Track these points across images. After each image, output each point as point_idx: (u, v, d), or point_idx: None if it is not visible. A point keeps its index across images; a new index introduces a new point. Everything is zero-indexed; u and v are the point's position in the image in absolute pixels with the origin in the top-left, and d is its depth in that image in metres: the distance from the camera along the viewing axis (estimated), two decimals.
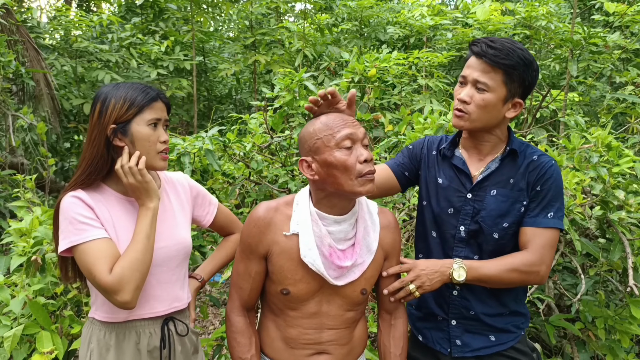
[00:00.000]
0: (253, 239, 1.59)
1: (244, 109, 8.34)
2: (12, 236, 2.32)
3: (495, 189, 1.67)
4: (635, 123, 4.20)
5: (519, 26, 5.67)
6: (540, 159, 1.67)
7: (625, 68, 5.65)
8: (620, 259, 2.32)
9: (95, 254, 1.48)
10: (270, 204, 1.62)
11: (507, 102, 1.63)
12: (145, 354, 1.62)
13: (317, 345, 1.63)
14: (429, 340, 1.80)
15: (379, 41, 6.96)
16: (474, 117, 1.63)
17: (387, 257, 1.71)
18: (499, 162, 1.69)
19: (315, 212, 1.57)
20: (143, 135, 1.58)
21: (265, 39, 6.85)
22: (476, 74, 1.61)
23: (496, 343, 1.71)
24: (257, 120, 3.59)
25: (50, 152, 5.74)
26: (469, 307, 1.71)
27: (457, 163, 1.74)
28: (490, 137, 1.70)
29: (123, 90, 1.58)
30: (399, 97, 4.41)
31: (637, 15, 4.57)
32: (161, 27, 7.24)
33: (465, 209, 1.70)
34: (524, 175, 1.66)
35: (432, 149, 1.84)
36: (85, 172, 1.57)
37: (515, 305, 1.74)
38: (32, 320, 2.14)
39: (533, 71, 1.62)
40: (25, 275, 2.24)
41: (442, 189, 1.76)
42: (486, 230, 1.66)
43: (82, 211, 1.52)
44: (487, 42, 1.60)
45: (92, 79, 6.29)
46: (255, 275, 1.63)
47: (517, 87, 1.61)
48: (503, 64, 1.57)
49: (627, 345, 2.38)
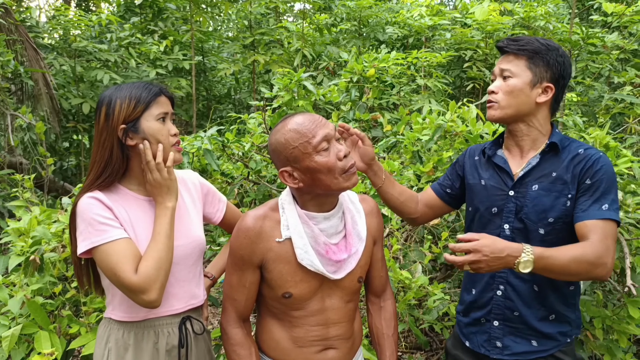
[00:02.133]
0: (245, 250, 1.57)
1: (243, 108, 8.34)
2: (11, 236, 2.32)
3: (537, 184, 1.66)
4: (633, 123, 4.21)
5: (518, 26, 5.67)
6: (587, 151, 1.63)
7: (623, 68, 5.66)
8: (618, 259, 2.33)
9: (118, 254, 1.48)
10: (257, 212, 1.60)
11: (535, 87, 1.65)
12: (164, 354, 1.63)
13: (324, 341, 1.64)
14: (474, 344, 1.78)
15: (377, 41, 6.96)
16: (503, 104, 1.68)
17: (375, 241, 1.75)
18: (539, 157, 1.69)
19: (303, 214, 1.58)
20: (154, 130, 1.59)
21: (264, 38, 6.85)
22: (501, 65, 1.69)
23: (537, 349, 1.67)
24: (256, 120, 3.59)
25: (49, 152, 5.74)
26: (513, 308, 1.68)
27: (498, 161, 1.75)
28: (530, 130, 1.70)
29: (126, 90, 1.59)
30: (397, 97, 4.41)
31: (635, 15, 4.58)
32: (160, 26, 7.23)
33: (508, 206, 1.69)
34: (567, 168, 1.63)
35: (475, 155, 1.87)
36: (101, 174, 1.58)
37: (564, 308, 1.69)
38: (30, 320, 2.14)
39: (559, 56, 1.66)
40: (24, 275, 2.23)
41: (484, 189, 1.77)
42: (531, 226, 1.64)
43: (100, 212, 1.53)
44: (509, 38, 1.69)
45: (91, 79, 6.29)
46: (250, 286, 1.62)
47: (543, 70, 1.65)
48: (524, 50, 1.65)
49: (625, 345, 2.38)
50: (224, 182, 3.29)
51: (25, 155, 5.81)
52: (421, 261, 2.71)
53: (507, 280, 1.69)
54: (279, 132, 1.53)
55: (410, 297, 2.45)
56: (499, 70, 1.70)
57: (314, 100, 3.61)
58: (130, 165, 1.63)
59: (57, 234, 2.30)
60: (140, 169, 1.63)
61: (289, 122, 1.52)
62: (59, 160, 6.71)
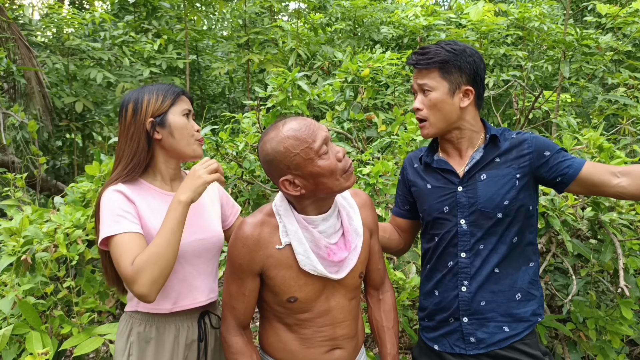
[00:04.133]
0: (244, 259, 1.56)
1: (237, 108, 8.31)
2: (2, 235, 2.30)
3: (484, 173, 1.71)
4: (626, 124, 4.22)
5: (512, 27, 5.69)
6: (522, 134, 1.73)
7: (617, 69, 5.68)
8: (612, 259, 2.34)
9: (124, 245, 1.51)
10: (255, 219, 1.58)
11: (455, 94, 1.69)
12: (183, 347, 1.68)
13: (332, 341, 1.64)
14: (446, 346, 1.77)
15: (372, 41, 6.96)
16: (432, 120, 1.73)
17: (372, 234, 1.75)
18: (482, 151, 1.73)
19: (302, 219, 1.56)
20: (180, 125, 1.68)
21: (259, 38, 6.83)
22: (418, 80, 1.73)
23: (510, 334, 1.70)
24: (250, 119, 3.58)
25: (41, 151, 5.70)
26: (480, 298, 1.71)
27: (439, 164, 1.79)
28: (463, 133, 1.75)
29: (152, 88, 1.70)
30: (392, 97, 4.41)
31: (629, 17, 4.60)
32: (154, 25, 7.20)
33: (460, 202, 1.72)
34: (509, 150, 1.71)
35: (414, 163, 1.90)
36: (127, 167, 1.65)
37: (527, 285, 1.73)
38: (21, 320, 2.12)
39: (467, 57, 1.69)
40: (15, 275, 2.22)
41: (431, 192, 1.79)
42: (488, 214, 1.68)
43: (121, 204, 1.57)
44: (417, 51, 1.73)
45: (84, 77, 6.26)
46: (249, 294, 1.60)
47: (457, 76, 1.69)
48: (434, 62, 1.68)
49: (618, 346, 2.39)
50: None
51: (18, 154, 5.77)
52: (415, 262, 2.71)
53: (470, 274, 1.71)
54: (274, 141, 1.49)
55: (404, 298, 2.45)
56: (418, 86, 1.73)
57: (308, 100, 3.60)
58: (154, 160, 1.70)
59: (49, 233, 2.28)
60: (163, 165, 1.71)
61: (283, 130, 1.48)
62: (51, 159, 6.67)
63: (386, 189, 2.68)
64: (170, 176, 1.74)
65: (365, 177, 2.73)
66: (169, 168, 1.73)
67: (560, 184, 1.70)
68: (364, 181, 2.72)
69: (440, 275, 1.77)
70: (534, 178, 1.72)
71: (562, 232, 2.30)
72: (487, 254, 1.70)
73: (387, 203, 2.91)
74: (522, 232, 1.72)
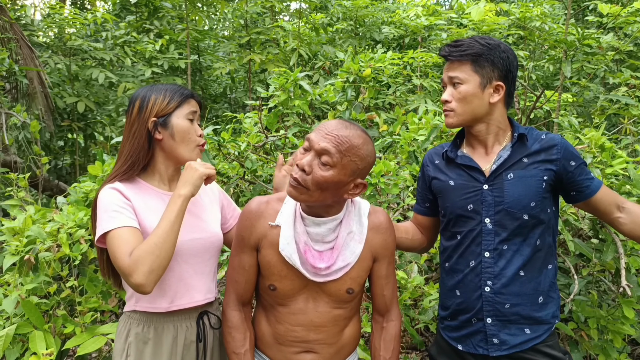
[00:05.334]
0: (245, 231, 1.63)
1: (239, 108, 8.32)
2: (5, 235, 2.31)
3: (511, 172, 1.69)
4: (628, 124, 4.22)
5: (513, 27, 5.68)
6: (550, 135, 1.72)
7: (618, 69, 5.68)
8: (613, 259, 2.34)
9: (120, 239, 1.51)
10: (263, 198, 1.67)
11: (485, 88, 1.69)
12: (182, 347, 1.68)
13: (304, 344, 1.64)
14: (470, 346, 1.76)
15: (374, 41, 6.96)
16: (459, 111, 1.72)
17: (377, 258, 1.68)
18: (510, 150, 1.72)
19: (299, 210, 1.61)
20: (183, 128, 1.67)
21: (260, 38, 6.84)
22: (449, 73, 1.73)
23: (531, 336, 1.69)
24: (252, 119, 3.58)
25: (43, 151, 5.71)
26: (504, 300, 1.69)
27: (464, 161, 1.76)
28: (490, 129, 1.74)
29: (162, 88, 1.69)
30: (393, 97, 4.41)
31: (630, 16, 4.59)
32: (156, 25, 7.21)
33: (486, 200, 1.70)
34: (538, 152, 1.70)
35: (435, 159, 1.87)
36: (125, 164, 1.65)
37: (548, 288, 1.73)
38: (24, 319, 2.13)
39: (501, 52, 1.69)
40: (18, 275, 2.22)
41: (455, 189, 1.77)
42: (515, 214, 1.67)
43: (117, 201, 1.58)
44: (450, 44, 1.73)
45: (86, 77, 6.26)
46: (249, 268, 1.66)
47: (490, 71, 1.69)
48: (467, 54, 1.68)
49: (620, 346, 2.39)
50: (220, 182, 3.29)
51: (20, 154, 5.78)
52: (417, 261, 2.71)
53: (493, 274, 1.70)
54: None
55: (406, 297, 2.45)
56: (448, 78, 1.73)
57: (309, 100, 3.60)
58: (153, 160, 1.70)
59: (51, 233, 2.29)
60: (162, 165, 1.71)
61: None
62: (53, 159, 6.68)
63: (388, 189, 2.68)
64: (169, 177, 1.74)
65: (367, 177, 2.73)
66: (168, 169, 1.73)
67: (572, 198, 1.73)
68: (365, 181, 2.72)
69: (462, 275, 1.75)
70: (555, 182, 1.72)
71: (563, 231, 2.31)
72: (511, 255, 1.68)
73: (388, 203, 2.91)
74: (544, 235, 1.71)
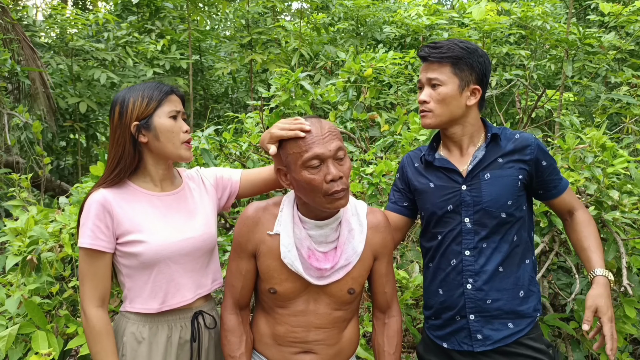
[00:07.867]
0: (243, 238, 1.64)
1: (240, 108, 8.33)
2: (8, 235, 2.32)
3: (488, 172, 1.73)
4: (629, 123, 4.22)
5: (515, 26, 5.68)
6: (523, 135, 1.77)
7: (620, 68, 5.67)
8: (615, 258, 2.34)
9: (90, 274, 1.62)
10: (260, 204, 1.66)
11: (463, 91, 1.72)
12: (176, 347, 1.68)
13: (303, 344, 1.65)
14: (454, 344, 1.78)
15: (375, 41, 6.96)
16: (437, 112, 1.74)
17: (377, 257, 1.70)
18: (484, 150, 1.75)
19: (297, 214, 1.60)
20: (166, 127, 1.65)
21: (262, 38, 6.84)
22: (427, 74, 1.74)
23: (515, 330, 1.72)
24: (254, 119, 3.59)
25: (45, 151, 5.72)
26: (486, 297, 1.72)
27: (441, 163, 1.80)
28: (465, 130, 1.78)
29: (139, 89, 1.67)
30: (395, 97, 4.41)
31: (632, 15, 4.59)
32: (157, 25, 7.22)
33: (465, 201, 1.73)
34: (512, 152, 1.74)
35: (414, 162, 1.90)
36: (114, 170, 1.65)
37: (528, 282, 1.77)
38: (27, 319, 2.14)
39: (479, 57, 1.73)
40: (21, 275, 2.23)
41: (435, 191, 1.80)
42: (493, 213, 1.70)
43: (95, 217, 1.60)
44: (429, 45, 1.76)
45: (88, 78, 6.27)
46: (246, 274, 1.66)
47: (468, 74, 1.72)
48: (447, 57, 1.70)
49: (621, 345, 2.39)
50: None
51: (22, 154, 5.79)
52: (418, 261, 2.71)
53: (474, 271, 1.72)
54: None
55: (408, 297, 2.45)
56: (426, 79, 1.75)
57: (311, 99, 3.61)
58: (142, 162, 1.69)
59: (54, 233, 2.30)
60: (152, 167, 1.70)
61: None
62: (55, 160, 6.69)
63: (389, 189, 2.69)
64: (160, 177, 1.73)
65: (369, 176, 2.74)
66: (159, 169, 1.72)
67: (539, 196, 1.82)
68: (367, 181, 2.73)
69: (444, 274, 1.78)
70: (528, 181, 1.77)
71: (565, 231, 2.30)
72: (490, 253, 1.72)
73: None
74: (520, 232, 1.75)
